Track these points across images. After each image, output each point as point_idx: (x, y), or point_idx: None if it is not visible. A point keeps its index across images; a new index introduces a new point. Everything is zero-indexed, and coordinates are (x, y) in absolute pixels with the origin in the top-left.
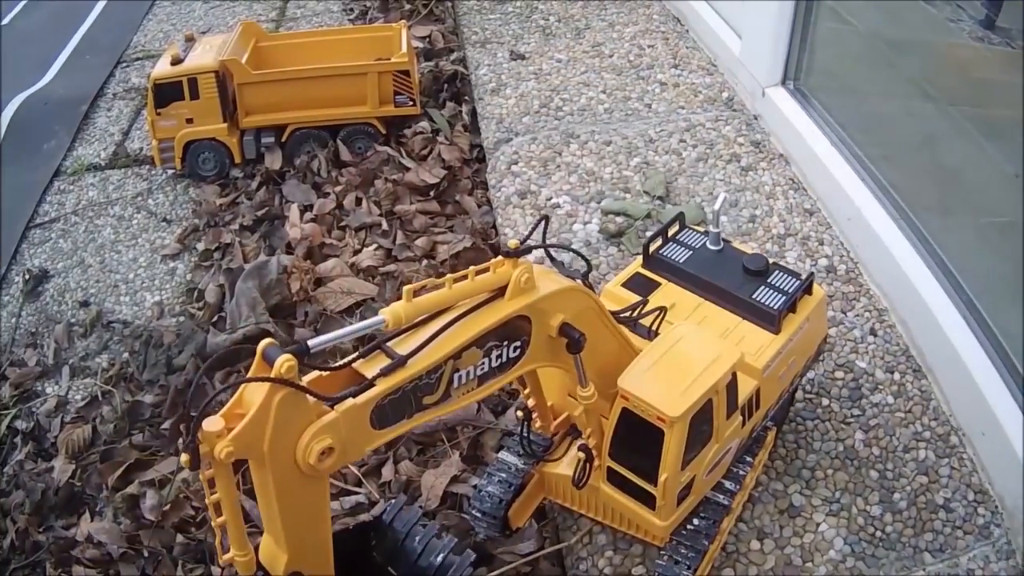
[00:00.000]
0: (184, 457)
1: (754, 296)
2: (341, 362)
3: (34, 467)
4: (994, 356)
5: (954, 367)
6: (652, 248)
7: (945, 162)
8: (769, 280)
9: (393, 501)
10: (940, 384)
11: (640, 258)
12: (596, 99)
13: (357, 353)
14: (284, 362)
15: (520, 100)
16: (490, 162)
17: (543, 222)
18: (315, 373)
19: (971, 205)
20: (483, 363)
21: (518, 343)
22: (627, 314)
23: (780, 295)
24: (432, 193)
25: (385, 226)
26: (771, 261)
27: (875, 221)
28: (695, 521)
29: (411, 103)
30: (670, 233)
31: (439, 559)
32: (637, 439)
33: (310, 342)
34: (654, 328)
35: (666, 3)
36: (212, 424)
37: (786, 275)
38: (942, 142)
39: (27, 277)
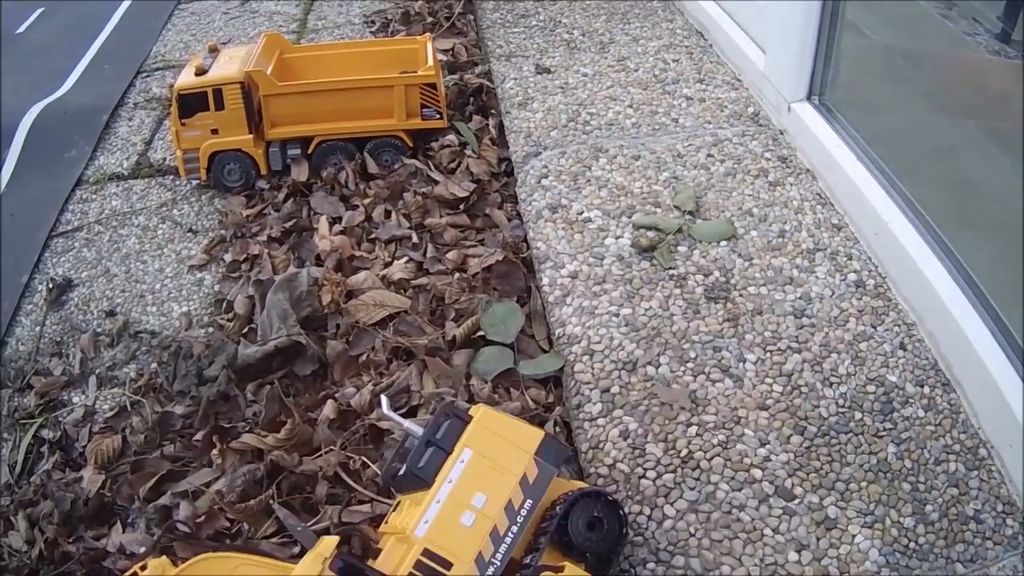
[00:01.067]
0: None
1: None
2: None
3: (62, 477)
4: (1020, 369)
5: (981, 380)
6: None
7: (968, 176)
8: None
9: None
10: (968, 397)
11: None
12: (623, 113)
13: None
14: None
15: (547, 114)
16: (519, 176)
17: None
18: None
19: (995, 219)
20: None
21: None
22: None
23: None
24: (462, 206)
25: (415, 239)
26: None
27: (902, 235)
28: None
29: (438, 116)
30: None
31: None
32: None
33: None
34: None
35: (689, 18)
36: None
37: (442, 420)
38: (963, 156)
39: (50, 286)
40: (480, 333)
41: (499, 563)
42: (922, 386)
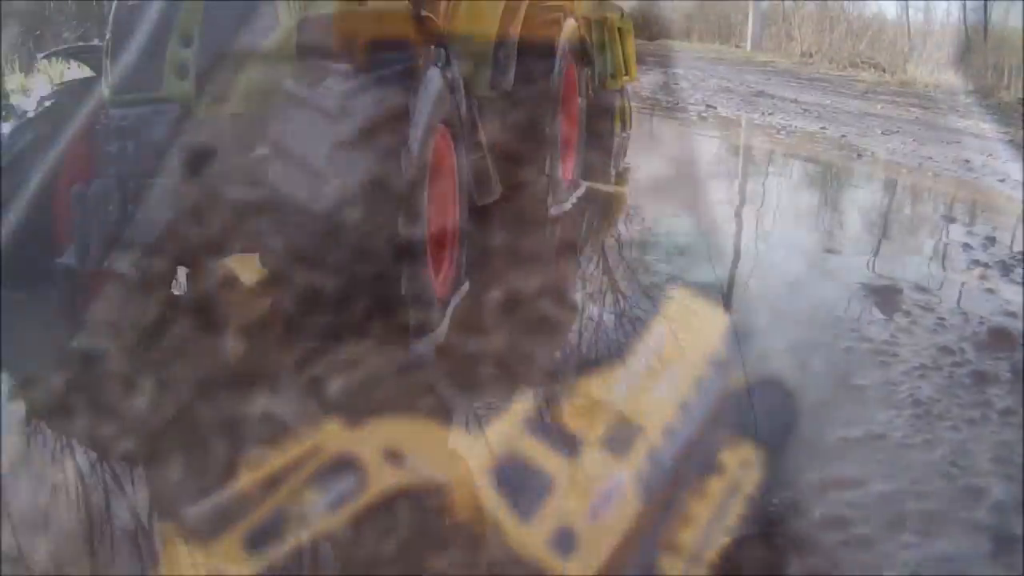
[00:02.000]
0: None
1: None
2: None
3: (198, 340)
4: None
5: None
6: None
7: None
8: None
9: None
10: None
11: None
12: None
13: None
14: None
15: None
16: (685, 96)
17: None
18: None
19: None
20: None
21: None
22: None
23: None
24: (627, 120)
25: (583, 143)
26: None
27: None
28: None
29: None
30: None
31: None
32: None
33: None
34: None
35: None
36: None
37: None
38: None
39: (185, 151)
40: (649, 238)
41: (686, 434)
42: None
